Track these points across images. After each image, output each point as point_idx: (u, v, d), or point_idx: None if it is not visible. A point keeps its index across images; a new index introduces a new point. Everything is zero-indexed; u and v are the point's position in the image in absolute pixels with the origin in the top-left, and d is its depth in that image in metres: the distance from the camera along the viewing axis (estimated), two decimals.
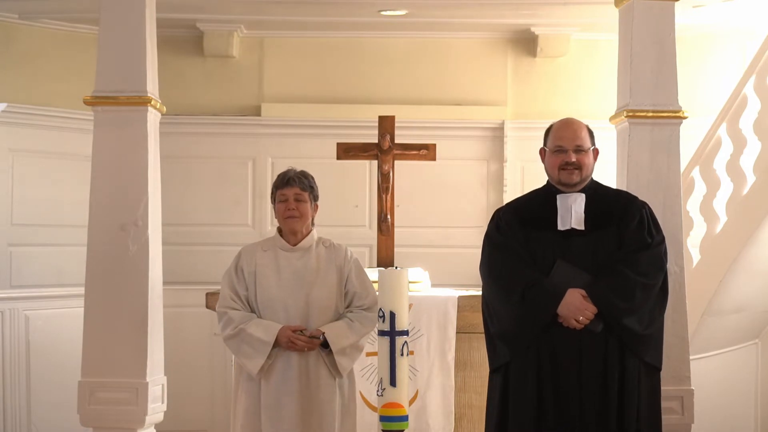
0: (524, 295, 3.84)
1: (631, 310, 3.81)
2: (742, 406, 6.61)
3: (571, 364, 3.81)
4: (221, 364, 6.86)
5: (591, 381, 3.80)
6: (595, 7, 6.37)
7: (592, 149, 4.03)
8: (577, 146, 3.96)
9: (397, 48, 7.39)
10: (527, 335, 3.85)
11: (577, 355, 3.81)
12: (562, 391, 3.81)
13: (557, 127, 4.05)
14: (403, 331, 3.65)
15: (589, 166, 4.01)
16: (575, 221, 3.92)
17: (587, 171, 4.00)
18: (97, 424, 4.89)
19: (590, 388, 3.79)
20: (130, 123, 4.94)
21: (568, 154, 3.95)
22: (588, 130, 4.05)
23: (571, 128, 4.01)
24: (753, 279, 6.06)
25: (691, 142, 6.26)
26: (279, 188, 4.24)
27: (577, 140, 3.97)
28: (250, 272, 4.19)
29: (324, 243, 4.29)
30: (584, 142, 3.98)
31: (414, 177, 6.68)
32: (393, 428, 3.62)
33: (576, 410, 3.79)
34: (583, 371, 3.80)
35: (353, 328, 4.14)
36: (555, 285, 3.82)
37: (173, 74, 7.01)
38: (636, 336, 3.83)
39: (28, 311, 6.78)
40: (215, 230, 7.18)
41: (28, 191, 6.82)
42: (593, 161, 4.04)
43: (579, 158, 3.96)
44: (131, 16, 4.94)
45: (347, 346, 4.12)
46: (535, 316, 3.83)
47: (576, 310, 3.77)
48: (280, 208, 4.22)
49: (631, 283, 3.81)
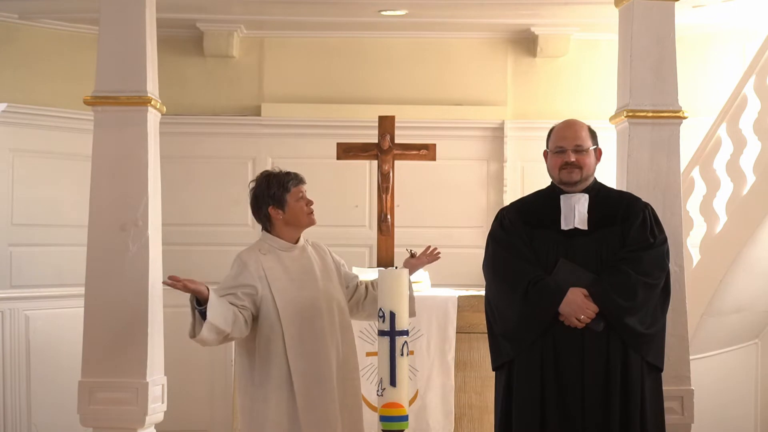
0: (527, 293, 3.85)
1: (633, 310, 3.82)
2: (742, 406, 6.61)
3: (574, 363, 3.82)
4: (221, 364, 6.86)
5: (593, 380, 3.80)
6: (595, 7, 6.37)
7: (594, 149, 4.04)
8: (577, 146, 3.98)
9: (397, 48, 7.39)
10: (530, 333, 3.86)
11: (580, 354, 3.82)
12: (564, 390, 3.81)
13: (558, 128, 4.08)
14: (403, 331, 3.65)
15: (590, 165, 4.02)
16: (578, 221, 3.94)
17: (588, 170, 4.01)
18: (97, 424, 4.89)
19: (592, 388, 3.80)
20: (130, 123, 4.94)
21: (568, 154, 3.98)
22: (590, 130, 4.07)
23: (572, 129, 4.03)
24: (753, 279, 6.06)
25: (691, 142, 6.26)
26: (295, 185, 4.14)
27: (576, 140, 3.99)
28: (260, 277, 4.06)
29: (308, 242, 4.29)
30: (584, 142, 4.00)
31: (414, 177, 6.68)
32: (393, 428, 3.62)
33: (578, 410, 3.80)
34: (585, 370, 3.81)
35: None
36: (557, 283, 3.83)
37: (173, 74, 7.01)
38: (638, 335, 3.83)
39: (28, 311, 6.77)
40: (215, 230, 7.18)
41: (28, 191, 6.81)
42: (595, 161, 4.05)
43: (579, 158, 3.98)
44: (131, 16, 4.94)
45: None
46: (538, 313, 3.85)
47: (577, 309, 3.78)
48: (299, 206, 4.13)
49: (633, 281, 3.82)
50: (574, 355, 3.82)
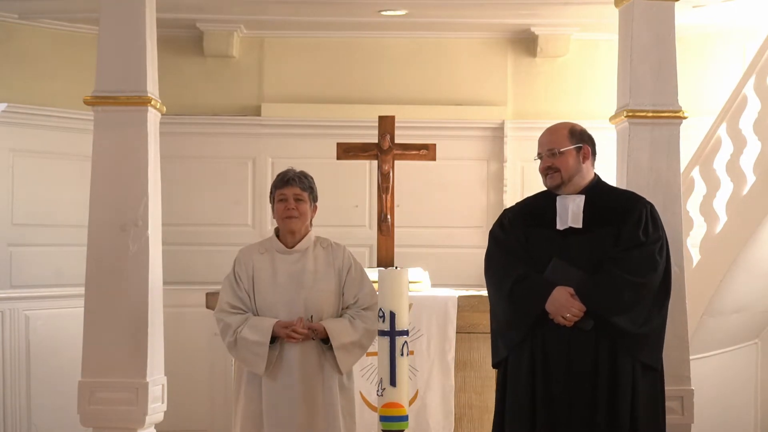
0: (512, 291, 3.88)
1: (620, 309, 3.81)
2: (742, 406, 6.61)
3: (561, 361, 3.83)
4: (221, 364, 6.86)
5: (580, 379, 3.80)
6: (595, 7, 6.37)
7: (577, 148, 3.99)
8: (549, 150, 3.98)
9: (397, 48, 7.39)
10: (518, 330, 3.90)
11: (566, 352, 3.83)
12: (551, 389, 3.82)
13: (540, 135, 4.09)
14: (403, 331, 3.65)
15: (569, 167, 3.97)
16: (572, 220, 3.94)
17: (569, 172, 3.98)
18: (97, 424, 4.89)
19: (579, 386, 3.80)
20: (130, 123, 4.94)
21: (544, 159, 3.99)
22: (571, 130, 4.03)
23: (546, 134, 4.06)
24: (753, 279, 6.06)
25: (691, 142, 6.26)
26: (278, 188, 4.21)
27: (548, 144, 4.00)
28: (248, 277, 4.16)
29: (322, 244, 4.26)
30: (557, 145, 3.97)
31: (414, 177, 6.68)
32: (393, 428, 3.62)
33: (564, 408, 3.80)
34: (571, 369, 3.81)
35: (355, 325, 4.12)
36: (544, 281, 3.84)
37: (173, 74, 7.01)
38: (628, 335, 3.82)
39: (28, 311, 6.77)
40: (215, 230, 7.18)
41: (28, 191, 6.82)
42: (578, 161, 3.99)
43: (554, 162, 3.97)
44: (131, 16, 4.94)
45: (348, 342, 4.10)
46: (524, 311, 3.87)
47: (561, 307, 3.79)
48: (279, 208, 4.19)
49: (618, 281, 3.81)
50: (561, 353, 3.83)
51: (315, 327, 4.05)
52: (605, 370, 3.81)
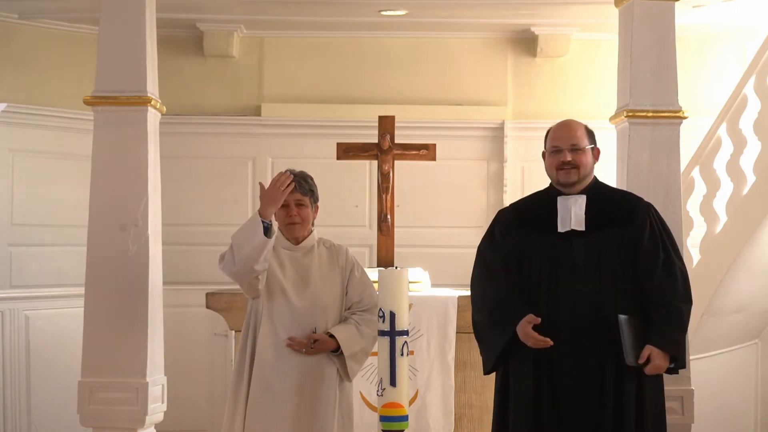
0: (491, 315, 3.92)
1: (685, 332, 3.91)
2: (742, 406, 6.61)
3: (566, 364, 3.80)
4: (221, 364, 6.87)
5: (586, 381, 3.79)
6: (595, 7, 6.37)
7: (591, 148, 4.01)
8: (573, 145, 3.95)
9: (397, 48, 7.40)
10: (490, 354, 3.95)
11: (571, 356, 3.81)
12: (558, 393, 3.80)
13: (554, 129, 4.05)
14: (403, 331, 3.64)
15: (587, 165, 3.98)
16: (575, 222, 3.92)
17: (585, 170, 3.98)
18: (97, 424, 4.89)
19: (585, 389, 3.78)
20: (130, 123, 4.94)
21: (564, 154, 3.94)
22: (587, 129, 4.04)
23: (568, 128, 4.01)
24: (753, 279, 6.07)
25: (691, 142, 6.26)
26: None
27: (572, 139, 3.96)
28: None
29: (324, 243, 4.26)
30: (580, 141, 3.97)
31: (414, 177, 6.68)
32: (393, 428, 3.62)
33: (571, 412, 3.78)
34: (576, 371, 3.79)
35: (362, 332, 4.10)
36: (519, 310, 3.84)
37: (173, 74, 7.01)
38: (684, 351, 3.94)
39: (28, 311, 6.78)
40: (215, 230, 7.15)
41: (28, 191, 6.82)
42: (593, 161, 4.01)
43: (575, 157, 3.95)
44: (131, 16, 4.95)
45: (358, 351, 4.10)
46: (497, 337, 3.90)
47: (524, 337, 3.81)
48: (281, 215, 4.14)
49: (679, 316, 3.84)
50: (566, 355, 3.81)
51: (321, 339, 4.04)
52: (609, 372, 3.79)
